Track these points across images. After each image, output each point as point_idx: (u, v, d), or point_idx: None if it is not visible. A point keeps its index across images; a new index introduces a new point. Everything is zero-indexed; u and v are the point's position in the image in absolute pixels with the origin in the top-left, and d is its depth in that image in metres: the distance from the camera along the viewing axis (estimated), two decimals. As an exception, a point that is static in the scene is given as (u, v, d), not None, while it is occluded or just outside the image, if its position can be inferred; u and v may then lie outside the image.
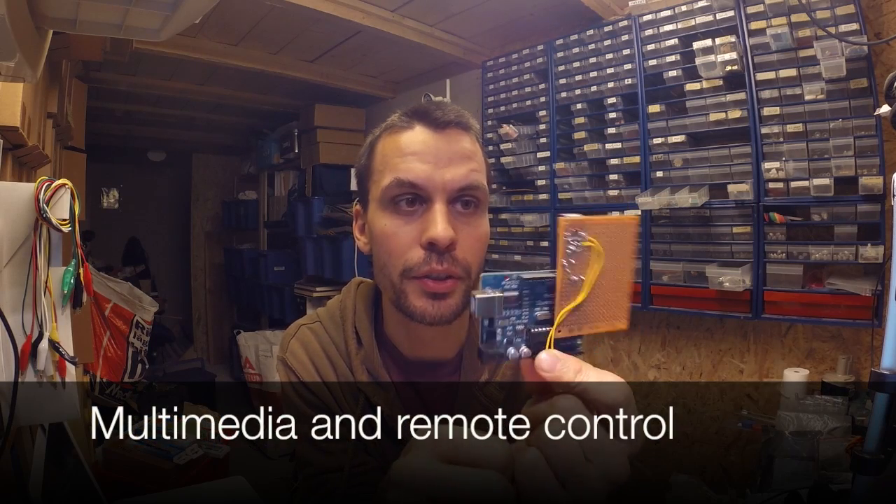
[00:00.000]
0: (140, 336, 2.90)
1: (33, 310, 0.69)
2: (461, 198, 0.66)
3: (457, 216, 0.65)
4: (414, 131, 0.67)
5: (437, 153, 0.65)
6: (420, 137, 0.66)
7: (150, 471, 2.09)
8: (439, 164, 0.65)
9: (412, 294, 0.65)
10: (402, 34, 2.25)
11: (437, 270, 0.63)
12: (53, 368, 0.72)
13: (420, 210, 0.65)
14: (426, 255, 0.63)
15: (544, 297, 0.33)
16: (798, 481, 1.17)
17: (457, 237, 0.64)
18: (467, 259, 0.65)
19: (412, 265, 0.64)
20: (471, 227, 0.66)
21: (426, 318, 0.64)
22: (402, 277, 0.65)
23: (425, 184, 0.64)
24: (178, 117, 4.01)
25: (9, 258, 0.68)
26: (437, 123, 0.66)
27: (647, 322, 2.08)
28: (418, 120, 0.67)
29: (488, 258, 2.45)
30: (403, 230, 0.65)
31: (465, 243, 0.65)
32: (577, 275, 0.32)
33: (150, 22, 0.62)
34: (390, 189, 0.65)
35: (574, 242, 0.31)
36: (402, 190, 0.65)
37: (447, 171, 0.64)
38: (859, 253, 1.48)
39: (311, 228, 3.26)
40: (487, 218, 0.71)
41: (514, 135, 2.31)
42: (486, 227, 0.70)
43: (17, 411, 0.67)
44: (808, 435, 1.22)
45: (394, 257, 0.65)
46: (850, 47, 1.45)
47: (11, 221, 0.68)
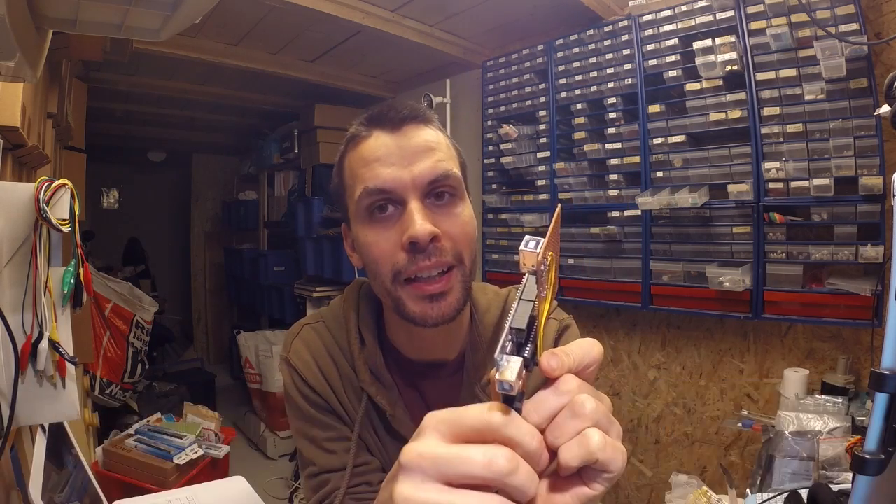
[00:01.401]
0: (140, 336, 2.90)
1: (33, 310, 0.69)
2: (434, 190, 0.65)
3: (435, 209, 0.65)
4: (373, 137, 0.67)
5: (400, 153, 0.65)
6: (380, 142, 0.66)
7: (150, 471, 2.09)
8: (404, 162, 0.64)
9: (409, 300, 0.65)
10: (402, 34, 2.25)
11: (427, 267, 0.63)
12: (53, 368, 0.72)
13: (397, 213, 0.65)
14: (411, 256, 0.63)
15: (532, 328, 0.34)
16: (798, 481, 1.17)
17: (440, 229, 0.63)
18: (457, 247, 0.65)
19: (400, 268, 0.64)
20: (452, 216, 0.66)
21: (428, 321, 0.64)
22: (394, 284, 0.65)
23: (394, 186, 0.64)
24: (178, 117, 4.02)
25: (9, 258, 0.68)
26: (393, 123, 0.66)
27: (647, 322, 2.08)
28: (375, 125, 0.68)
29: (488, 258, 2.46)
30: (384, 236, 0.65)
31: (451, 232, 0.65)
32: (544, 287, 0.33)
33: (150, 22, 0.62)
34: (362, 200, 0.65)
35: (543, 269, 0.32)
36: (374, 198, 0.65)
37: (413, 168, 0.64)
38: (859, 253, 1.48)
39: (311, 228, 3.26)
40: (469, 203, 0.70)
41: (514, 135, 2.31)
42: (469, 212, 0.69)
43: (17, 411, 0.67)
44: (808, 435, 1.22)
45: (382, 265, 0.65)
46: (850, 47, 1.45)
47: (11, 221, 0.68)
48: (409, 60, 2.79)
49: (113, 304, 2.77)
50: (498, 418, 0.29)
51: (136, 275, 4.61)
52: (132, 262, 4.87)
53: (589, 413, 0.31)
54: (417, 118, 0.67)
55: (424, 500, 0.29)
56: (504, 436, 0.29)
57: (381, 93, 3.23)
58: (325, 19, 2.08)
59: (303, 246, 3.35)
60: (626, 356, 2.15)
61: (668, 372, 2.03)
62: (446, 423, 0.31)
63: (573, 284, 2.14)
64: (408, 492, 0.29)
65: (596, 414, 0.31)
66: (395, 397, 0.74)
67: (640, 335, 2.11)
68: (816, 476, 1.13)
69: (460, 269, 0.65)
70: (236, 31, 2.39)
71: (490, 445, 0.29)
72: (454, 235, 0.65)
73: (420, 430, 0.32)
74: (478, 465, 0.28)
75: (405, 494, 0.29)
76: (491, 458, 0.28)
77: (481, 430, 0.29)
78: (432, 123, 0.69)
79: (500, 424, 0.29)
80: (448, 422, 0.31)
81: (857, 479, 0.55)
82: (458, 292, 0.65)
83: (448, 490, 0.29)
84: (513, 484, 0.28)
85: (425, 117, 0.69)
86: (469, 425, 0.30)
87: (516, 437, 0.29)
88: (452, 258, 0.64)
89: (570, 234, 2.15)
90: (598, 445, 0.30)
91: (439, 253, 0.63)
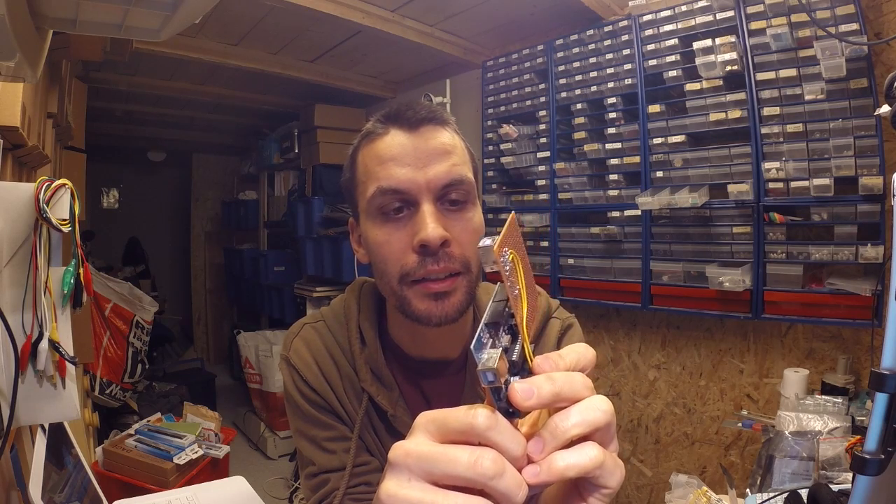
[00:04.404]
0: (140, 336, 2.90)
1: (33, 310, 0.69)
2: (448, 194, 0.65)
3: (446, 213, 0.65)
4: (389, 135, 0.66)
5: (416, 154, 0.64)
6: (396, 141, 0.65)
7: (150, 471, 2.09)
8: (419, 164, 0.64)
9: (414, 298, 0.64)
10: (402, 34, 2.25)
11: (435, 271, 0.63)
12: (53, 368, 0.71)
13: (409, 214, 0.64)
14: (421, 259, 0.63)
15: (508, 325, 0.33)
16: (798, 481, 1.17)
17: (450, 234, 0.63)
18: (465, 254, 0.65)
19: (409, 270, 0.63)
20: (463, 221, 0.66)
21: (432, 320, 0.64)
22: (401, 284, 0.65)
23: (408, 187, 0.63)
24: (178, 117, 4.02)
25: (9, 258, 0.68)
26: (411, 123, 0.66)
27: (647, 322, 2.08)
28: (392, 123, 0.67)
29: (488, 258, 2.45)
30: (395, 237, 0.64)
31: (460, 238, 0.65)
32: (515, 285, 0.32)
33: (150, 22, 0.62)
34: (375, 199, 0.65)
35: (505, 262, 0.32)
36: (387, 198, 0.64)
37: (429, 170, 0.64)
38: (859, 253, 1.48)
39: (311, 228, 3.26)
40: (480, 209, 0.70)
41: (514, 135, 2.31)
42: (480, 219, 0.69)
43: (17, 411, 0.67)
44: (808, 435, 1.22)
45: (390, 265, 0.65)
46: (850, 47, 1.45)
47: (11, 221, 0.68)
48: (409, 60, 2.79)
49: (113, 304, 2.77)
50: (481, 420, 0.29)
51: (136, 275, 4.61)
52: (132, 262, 4.87)
53: (592, 420, 0.30)
54: (435, 119, 0.67)
55: (408, 497, 0.29)
56: (487, 439, 0.29)
57: (381, 93, 3.23)
58: (325, 19, 2.08)
59: (303, 246, 3.35)
60: (626, 356, 2.15)
61: (668, 372, 2.03)
62: (435, 423, 0.31)
63: (573, 284, 2.14)
64: (393, 489, 0.29)
65: (600, 421, 0.31)
66: (395, 397, 0.74)
67: (640, 335, 2.11)
68: (816, 476, 1.13)
69: (466, 276, 0.65)
70: (236, 31, 2.39)
71: (477, 447, 0.29)
72: (464, 241, 0.65)
73: (412, 428, 0.32)
74: (462, 466, 0.28)
75: (390, 491, 0.29)
76: (476, 459, 0.28)
77: (465, 431, 0.29)
78: (450, 126, 0.69)
79: (483, 427, 0.29)
80: (436, 421, 0.31)
81: (857, 479, 0.55)
82: (462, 295, 0.65)
83: (433, 489, 0.29)
84: (498, 488, 0.28)
85: (443, 119, 0.68)
86: (453, 427, 0.30)
87: (499, 441, 0.29)
88: (460, 265, 0.64)
89: (570, 234, 2.15)
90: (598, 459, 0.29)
91: (448, 258, 0.63)
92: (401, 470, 0.30)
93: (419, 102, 0.69)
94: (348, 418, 0.75)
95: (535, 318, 0.36)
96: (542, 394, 0.29)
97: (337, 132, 3.33)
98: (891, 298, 0.53)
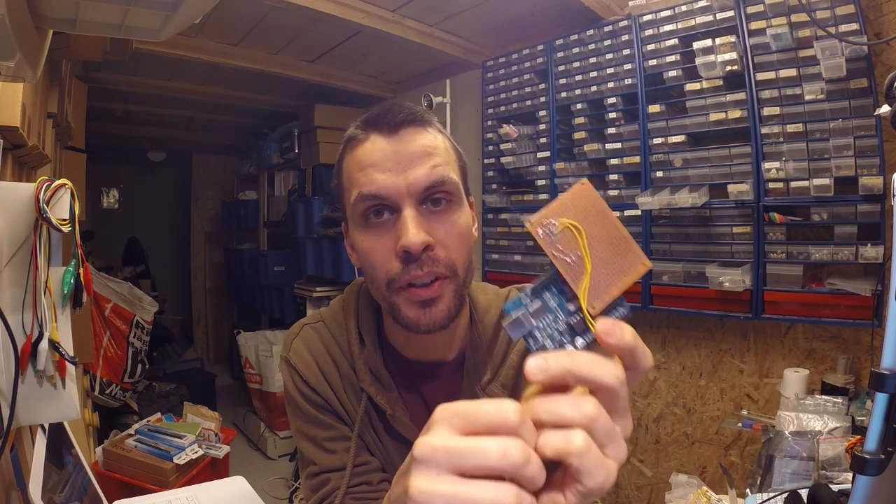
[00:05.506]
0: (140, 336, 2.90)
1: (33, 310, 0.69)
2: (430, 196, 0.64)
3: (430, 216, 0.64)
4: (370, 141, 0.65)
5: (396, 158, 0.63)
6: (376, 146, 0.65)
7: (150, 471, 2.09)
8: (399, 168, 0.63)
9: (402, 305, 0.64)
10: (402, 34, 2.25)
11: (419, 276, 0.62)
12: (53, 368, 0.71)
13: (391, 219, 0.64)
14: (404, 265, 0.62)
15: (563, 290, 0.33)
16: (798, 481, 1.17)
17: (434, 237, 0.63)
18: (450, 257, 0.64)
19: (394, 276, 0.63)
20: (447, 224, 0.65)
21: (420, 328, 0.64)
22: (388, 290, 0.64)
23: (388, 192, 0.63)
24: (178, 117, 4.02)
25: (9, 258, 0.68)
26: (390, 127, 0.65)
27: (647, 322, 2.08)
28: (371, 128, 0.66)
29: (489, 258, 2.46)
30: (379, 243, 0.64)
31: (445, 241, 0.64)
32: (571, 255, 0.32)
33: (150, 22, 0.62)
34: (357, 205, 0.64)
35: (550, 232, 0.31)
36: (368, 204, 0.64)
37: (409, 174, 0.63)
38: (859, 253, 1.48)
39: (311, 228, 3.26)
40: (467, 208, 0.69)
41: (514, 135, 2.31)
42: (466, 220, 0.68)
43: (17, 411, 0.67)
44: (808, 435, 1.22)
45: (377, 271, 0.65)
46: (850, 47, 1.45)
47: (11, 221, 0.68)
48: (409, 60, 2.79)
49: (113, 304, 2.77)
50: (515, 416, 0.30)
51: (136, 275, 4.61)
52: (132, 262, 4.87)
53: (588, 413, 0.30)
54: (415, 121, 0.66)
55: (442, 492, 0.29)
56: (518, 432, 0.30)
57: (381, 93, 3.23)
58: (325, 19, 2.08)
59: (303, 246, 3.35)
60: (626, 356, 2.15)
61: (668, 372, 2.03)
62: (459, 417, 0.31)
63: (573, 284, 2.14)
64: (424, 485, 0.29)
65: (595, 421, 0.30)
66: (394, 397, 0.74)
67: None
68: (816, 476, 1.13)
69: (453, 280, 0.65)
70: (236, 31, 2.39)
71: (503, 437, 0.29)
72: (448, 244, 0.64)
73: (431, 422, 0.32)
74: (494, 457, 0.28)
75: (421, 488, 0.29)
76: (506, 449, 0.28)
77: (497, 425, 0.30)
78: (431, 126, 0.68)
79: (517, 423, 0.30)
80: (462, 415, 0.31)
81: (857, 479, 0.55)
82: (450, 300, 0.65)
83: (464, 482, 0.29)
84: (526, 474, 0.29)
85: (423, 120, 0.67)
86: (484, 421, 0.30)
87: (523, 433, 0.30)
88: (445, 269, 0.63)
89: (570, 234, 2.14)
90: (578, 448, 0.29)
91: (432, 262, 0.62)
92: (429, 465, 0.30)
93: (399, 105, 0.68)
94: (348, 418, 0.75)
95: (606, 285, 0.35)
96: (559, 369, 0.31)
97: (337, 132, 3.33)
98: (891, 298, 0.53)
